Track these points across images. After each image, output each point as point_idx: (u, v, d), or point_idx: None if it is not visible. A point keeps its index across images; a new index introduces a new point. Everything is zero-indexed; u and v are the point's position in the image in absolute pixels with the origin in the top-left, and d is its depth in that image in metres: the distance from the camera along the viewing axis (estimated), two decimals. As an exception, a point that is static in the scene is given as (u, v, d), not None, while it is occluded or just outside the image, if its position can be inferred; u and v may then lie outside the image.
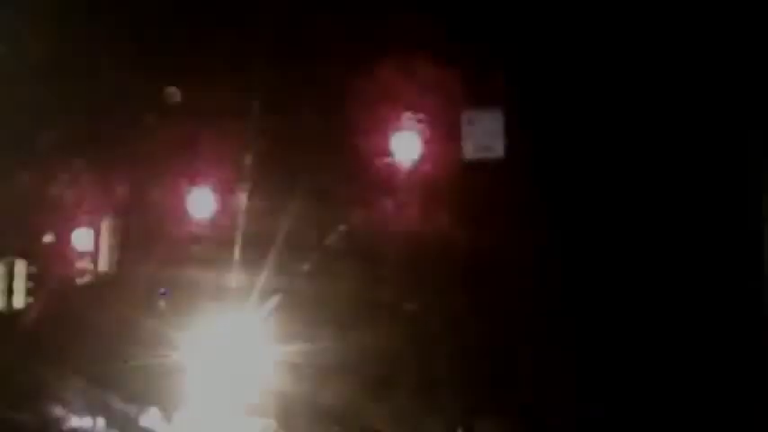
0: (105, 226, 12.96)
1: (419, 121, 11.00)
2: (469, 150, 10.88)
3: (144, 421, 12.75)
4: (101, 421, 12.91)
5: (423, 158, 11.02)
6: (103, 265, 12.95)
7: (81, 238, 12.98)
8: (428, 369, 11.77)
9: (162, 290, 12.40)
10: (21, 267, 13.37)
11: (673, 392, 10.91)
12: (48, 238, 13.28)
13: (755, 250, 10.97)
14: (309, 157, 11.44)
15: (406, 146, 11.08)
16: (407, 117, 11.02)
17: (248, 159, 11.55)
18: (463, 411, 11.93)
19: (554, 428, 11.44)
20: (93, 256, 12.98)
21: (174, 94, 11.23)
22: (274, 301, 11.95)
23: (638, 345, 11.05)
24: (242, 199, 11.67)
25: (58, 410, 12.84)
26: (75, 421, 12.94)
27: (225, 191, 11.92)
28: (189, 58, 11.28)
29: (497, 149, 10.83)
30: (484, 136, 10.85)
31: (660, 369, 11.01)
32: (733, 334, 10.85)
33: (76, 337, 12.54)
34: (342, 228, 11.74)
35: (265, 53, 11.14)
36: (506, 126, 10.86)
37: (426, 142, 11.01)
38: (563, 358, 11.29)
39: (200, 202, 12.13)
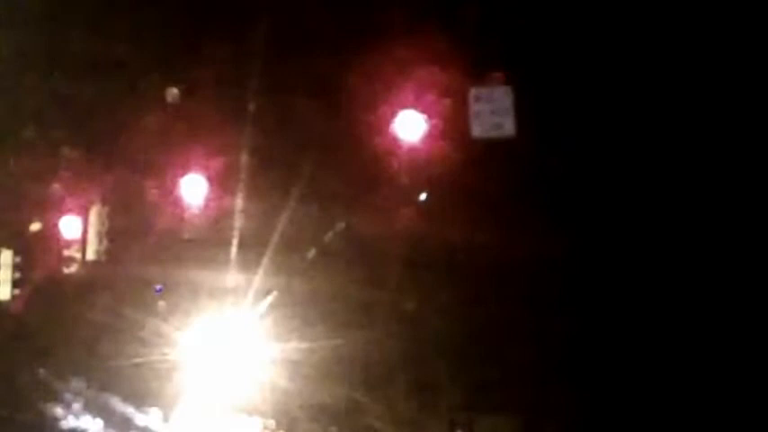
0: (94, 212, 12.89)
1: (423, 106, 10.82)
2: (477, 129, 10.68)
3: (143, 421, 12.84)
4: (99, 421, 12.98)
5: (427, 139, 10.81)
6: (91, 253, 12.91)
7: (69, 226, 12.91)
8: (427, 368, 11.95)
9: (157, 287, 12.43)
10: (6, 257, 13.32)
11: (674, 393, 11.13)
12: (35, 227, 13.22)
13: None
14: (307, 150, 11.46)
15: (409, 127, 10.86)
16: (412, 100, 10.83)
17: (244, 154, 11.51)
18: (463, 411, 12.14)
19: (554, 428, 11.66)
20: (81, 244, 12.91)
21: (174, 94, 11.19)
22: (272, 298, 12.04)
23: (641, 344, 11.25)
24: (238, 195, 11.64)
25: (51, 408, 12.89)
26: (71, 421, 13.00)
27: (220, 185, 11.88)
28: (186, 52, 11.21)
29: (508, 128, 10.67)
30: (493, 114, 10.66)
31: (661, 369, 11.23)
32: (735, 334, 11.06)
33: (67, 333, 12.58)
34: (341, 225, 11.80)
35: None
36: (518, 103, 10.63)
37: (431, 123, 10.81)
38: (563, 358, 11.48)
39: (194, 193, 12.06)
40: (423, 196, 11.49)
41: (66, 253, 12.89)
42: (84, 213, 12.82)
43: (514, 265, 11.36)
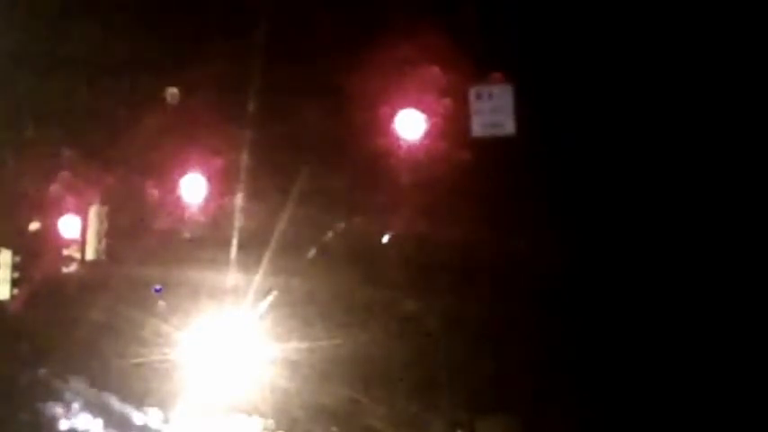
0: (93, 212, 12.92)
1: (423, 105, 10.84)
2: (478, 127, 10.65)
3: (142, 421, 12.90)
4: (98, 421, 13.05)
5: (427, 138, 10.78)
6: (91, 253, 12.94)
7: (68, 226, 12.95)
8: (428, 369, 12.02)
9: (157, 287, 12.48)
10: (6, 257, 13.35)
11: (674, 392, 11.20)
12: (34, 227, 13.26)
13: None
14: (307, 150, 11.52)
15: (409, 126, 10.82)
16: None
17: (244, 154, 11.56)
18: (463, 411, 12.21)
19: (554, 428, 11.71)
20: (81, 243, 12.95)
21: (174, 94, 11.26)
22: (272, 298, 12.10)
23: (641, 343, 11.32)
24: (238, 195, 11.69)
25: (51, 408, 12.96)
26: (72, 421, 13.07)
27: (220, 185, 11.93)
28: (186, 52, 11.27)
29: (508, 126, 10.66)
30: (493, 112, 10.61)
31: (662, 368, 11.30)
32: (735, 333, 11.12)
33: (67, 333, 12.63)
34: (341, 225, 11.87)
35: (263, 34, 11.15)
36: (517, 101, 10.59)
37: (431, 122, 10.76)
38: (564, 357, 11.55)
39: (194, 193, 12.10)
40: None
41: (65, 252, 12.94)
42: (84, 213, 12.86)
43: (514, 265, 11.44)
